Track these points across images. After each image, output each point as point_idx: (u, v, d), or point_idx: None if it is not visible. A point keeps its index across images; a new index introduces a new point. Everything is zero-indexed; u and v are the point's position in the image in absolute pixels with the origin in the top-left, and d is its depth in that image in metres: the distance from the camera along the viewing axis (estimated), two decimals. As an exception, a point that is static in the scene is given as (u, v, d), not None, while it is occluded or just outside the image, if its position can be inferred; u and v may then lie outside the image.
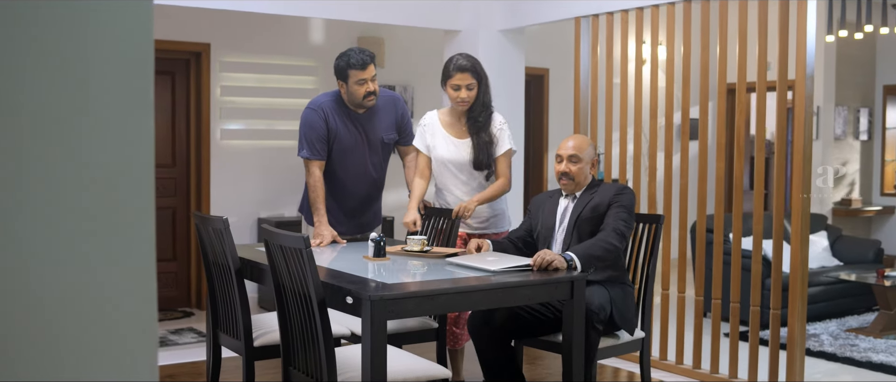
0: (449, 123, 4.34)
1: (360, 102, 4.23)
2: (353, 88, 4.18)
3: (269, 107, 7.07)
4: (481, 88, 4.22)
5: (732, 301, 4.54)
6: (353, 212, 4.44)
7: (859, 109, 9.67)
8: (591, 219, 3.77)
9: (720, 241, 4.60)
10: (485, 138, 4.22)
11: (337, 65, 4.22)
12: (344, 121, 4.28)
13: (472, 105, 4.21)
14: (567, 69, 8.50)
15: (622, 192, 3.78)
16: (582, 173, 3.84)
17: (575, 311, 3.24)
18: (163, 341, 5.91)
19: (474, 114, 4.24)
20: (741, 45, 4.44)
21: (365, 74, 4.16)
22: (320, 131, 4.23)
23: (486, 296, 3.12)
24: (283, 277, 3.08)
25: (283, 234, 2.96)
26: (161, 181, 6.83)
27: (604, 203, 3.75)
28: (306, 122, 4.26)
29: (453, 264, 3.49)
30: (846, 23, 8.02)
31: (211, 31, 6.77)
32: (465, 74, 4.15)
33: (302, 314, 2.99)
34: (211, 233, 3.57)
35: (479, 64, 4.21)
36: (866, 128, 9.78)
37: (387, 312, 2.77)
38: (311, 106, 4.30)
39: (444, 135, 4.32)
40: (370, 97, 4.22)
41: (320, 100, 4.31)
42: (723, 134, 4.57)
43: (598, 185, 3.87)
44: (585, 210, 3.79)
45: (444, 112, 4.38)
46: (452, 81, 4.17)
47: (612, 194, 3.76)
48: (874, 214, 9.60)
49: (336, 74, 4.24)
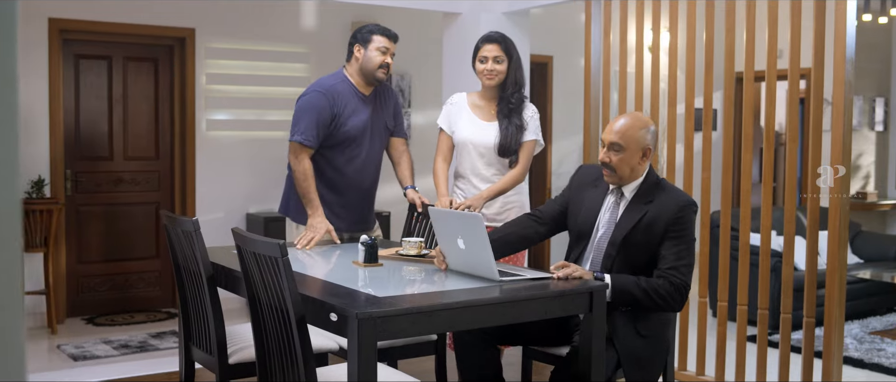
0: (477, 105, 4.10)
1: (372, 72, 3.91)
2: (371, 54, 3.89)
3: (257, 96, 6.78)
4: (512, 66, 3.99)
5: (761, 308, 4.14)
6: (353, 206, 4.05)
7: (875, 98, 9.27)
8: (646, 245, 3.03)
9: (746, 241, 4.20)
10: (516, 122, 3.98)
11: (362, 29, 3.97)
12: (353, 105, 3.93)
13: (503, 83, 3.99)
14: (572, 57, 8.15)
15: (687, 209, 3.03)
16: (626, 166, 3.08)
17: (595, 328, 2.81)
18: (142, 346, 5.52)
19: (507, 94, 4.00)
20: (771, 31, 4.03)
21: (389, 44, 3.93)
22: (324, 118, 3.86)
23: (494, 312, 2.68)
24: (258, 288, 2.67)
25: (258, 239, 2.55)
26: (144, 175, 6.54)
27: (661, 223, 3.02)
28: (311, 105, 3.86)
29: (454, 271, 3.08)
30: (870, 8, 7.63)
31: (196, 15, 6.48)
32: (494, 44, 3.96)
33: (279, 331, 2.59)
34: (180, 235, 3.16)
35: (510, 41, 4.01)
36: (882, 118, 9.39)
37: (377, 332, 2.36)
38: (317, 88, 3.90)
39: (471, 115, 4.07)
40: (384, 70, 3.92)
41: (329, 82, 3.94)
42: (750, 124, 4.17)
43: (657, 188, 3.11)
44: (639, 229, 3.05)
45: (475, 94, 4.15)
46: (480, 54, 3.98)
47: (674, 212, 3.02)
48: (890, 208, 9.21)
49: (356, 37, 3.95)
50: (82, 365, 5.09)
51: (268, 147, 6.77)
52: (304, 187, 3.87)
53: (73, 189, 6.29)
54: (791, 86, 4.05)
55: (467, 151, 4.05)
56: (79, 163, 6.31)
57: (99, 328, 6.02)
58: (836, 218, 3.79)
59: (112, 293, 6.51)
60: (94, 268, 6.44)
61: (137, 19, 6.27)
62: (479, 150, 4.02)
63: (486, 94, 4.06)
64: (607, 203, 3.20)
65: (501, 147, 3.96)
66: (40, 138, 6.00)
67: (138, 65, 6.47)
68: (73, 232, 6.32)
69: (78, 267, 6.37)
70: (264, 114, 6.81)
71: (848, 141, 3.76)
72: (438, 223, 3.06)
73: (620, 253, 3.06)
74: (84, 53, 6.27)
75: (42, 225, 5.75)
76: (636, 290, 2.94)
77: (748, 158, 4.20)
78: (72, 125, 6.25)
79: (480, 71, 3.98)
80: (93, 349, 5.44)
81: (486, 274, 2.90)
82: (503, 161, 4.02)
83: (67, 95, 6.20)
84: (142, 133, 6.52)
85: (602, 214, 3.19)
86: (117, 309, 6.51)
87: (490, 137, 3.99)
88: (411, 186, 4.14)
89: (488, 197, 3.94)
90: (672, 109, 4.59)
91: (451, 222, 2.98)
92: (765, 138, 4.11)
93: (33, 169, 5.95)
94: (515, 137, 3.96)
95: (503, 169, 4.03)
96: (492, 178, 4.02)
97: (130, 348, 5.48)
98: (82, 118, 6.29)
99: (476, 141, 4.01)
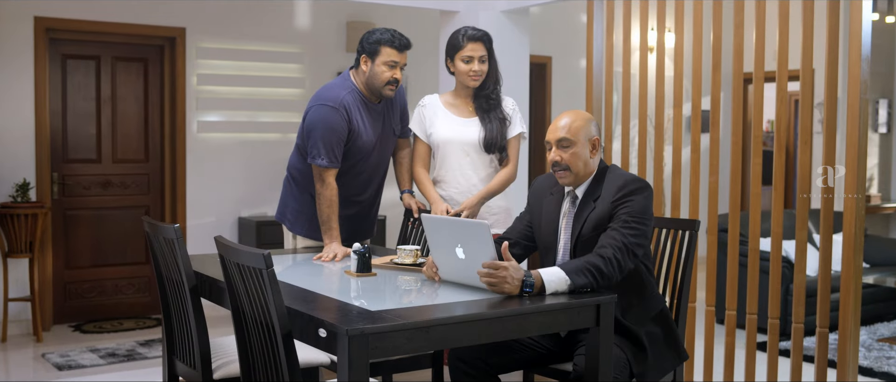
0: (452, 104, 3.88)
1: (379, 88, 3.64)
2: (379, 69, 3.60)
3: (250, 97, 6.63)
4: (492, 63, 3.80)
5: (771, 318, 3.97)
6: (354, 218, 3.86)
7: (878, 99, 9.13)
8: (595, 239, 2.87)
9: (756, 247, 4.04)
10: (498, 116, 3.79)
11: (369, 37, 3.62)
12: (364, 117, 3.68)
13: (483, 82, 3.80)
14: (571, 57, 8.00)
15: (629, 191, 2.86)
16: (579, 160, 2.94)
17: (602, 342, 2.64)
18: (129, 354, 5.35)
19: (486, 91, 3.80)
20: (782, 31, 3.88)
21: (399, 57, 3.61)
22: (341, 135, 3.60)
23: (495, 326, 2.49)
24: (243, 301, 2.50)
25: (242, 249, 2.38)
26: (133, 178, 6.39)
27: (606, 212, 2.87)
28: (326, 123, 3.58)
29: (451, 282, 2.90)
30: (877, 7, 7.49)
31: (186, 14, 6.35)
32: (478, 44, 3.73)
33: (265, 346, 2.42)
34: (162, 243, 2.99)
35: (491, 37, 3.80)
36: (885, 120, 9.24)
37: (369, 349, 2.19)
38: (328, 102, 3.60)
39: (448, 114, 3.84)
40: (392, 86, 3.64)
41: (339, 95, 3.63)
42: (759, 126, 4.01)
43: (604, 178, 2.97)
44: (586, 227, 2.91)
45: (447, 95, 3.94)
46: (463, 53, 3.73)
47: (613, 194, 2.87)
48: (894, 211, 9.06)
49: (363, 48, 3.63)
50: (67, 376, 4.92)
51: (261, 150, 6.63)
52: (328, 214, 3.63)
53: (59, 193, 6.13)
54: (803, 87, 3.89)
55: (450, 151, 3.82)
56: (65, 166, 6.15)
57: (86, 336, 5.85)
58: (851, 222, 3.63)
59: (100, 300, 6.35)
60: (81, 274, 6.27)
61: (126, 18, 6.11)
62: (464, 148, 3.80)
63: (462, 91, 3.85)
64: (564, 209, 3.05)
65: (487, 143, 3.76)
66: (25, 141, 5.84)
67: (127, 65, 6.32)
68: (60, 237, 6.15)
69: (65, 273, 6.20)
70: (257, 116, 6.65)
71: (863, 143, 3.60)
72: (433, 232, 2.87)
73: (577, 255, 2.90)
74: (71, 52, 6.11)
75: (27, 230, 5.58)
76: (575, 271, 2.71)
77: (758, 161, 4.04)
78: (58, 127, 6.09)
79: (465, 72, 3.74)
80: (78, 357, 5.27)
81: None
82: (489, 160, 3.82)
83: (54, 96, 6.04)
84: (131, 135, 6.37)
85: (561, 221, 3.05)
86: (105, 316, 6.34)
87: (473, 134, 3.78)
88: (408, 190, 3.97)
89: (482, 199, 3.75)
90: (678, 110, 4.42)
91: (450, 231, 2.79)
92: (775, 140, 3.95)
93: (18, 172, 5.78)
94: (501, 132, 3.77)
95: (489, 169, 3.83)
96: (478, 181, 3.81)
97: (118, 356, 5.31)
98: (69, 120, 6.13)
99: (459, 139, 3.79)
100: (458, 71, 3.77)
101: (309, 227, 3.84)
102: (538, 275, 2.68)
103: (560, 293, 2.68)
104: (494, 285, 2.65)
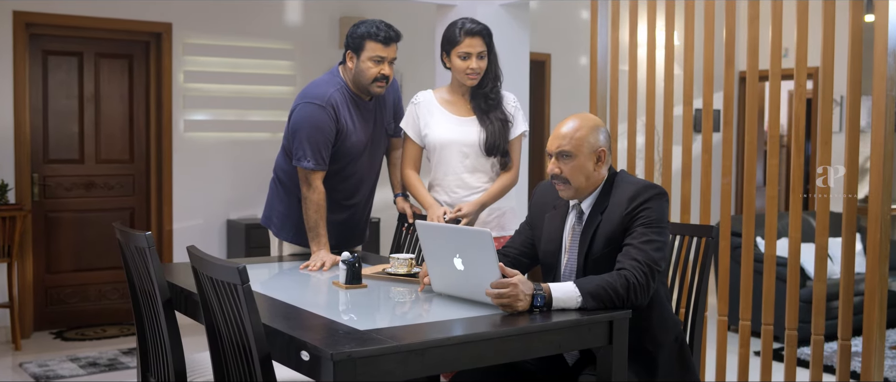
0: (448, 101, 3.57)
1: (366, 86, 3.40)
2: (364, 66, 3.35)
3: (238, 95, 6.41)
4: (491, 59, 3.50)
5: (788, 329, 3.74)
6: (343, 223, 3.62)
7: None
8: (609, 256, 2.58)
9: (772, 254, 3.80)
10: (499, 117, 3.49)
11: (353, 32, 3.37)
12: (353, 116, 3.45)
13: (481, 80, 3.50)
14: (571, 55, 7.78)
15: (644, 199, 2.58)
16: (579, 174, 2.66)
17: (615, 363, 2.39)
18: (111, 364, 5.11)
19: (484, 90, 3.50)
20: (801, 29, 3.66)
21: (385, 52, 3.35)
22: (329, 135, 3.37)
23: (501, 347, 2.24)
24: (217, 318, 2.26)
25: (216, 262, 2.13)
26: (117, 179, 6.20)
27: (619, 225, 2.59)
28: (312, 122, 3.34)
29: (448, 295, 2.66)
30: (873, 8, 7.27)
31: (173, 9, 6.14)
32: (476, 39, 3.42)
33: (241, 369, 2.18)
34: (134, 252, 2.75)
35: (491, 31, 3.49)
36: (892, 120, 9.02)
37: (357, 375, 1.94)
38: (315, 100, 3.36)
39: (444, 113, 3.54)
40: (380, 83, 3.39)
41: (326, 92, 3.39)
42: (776, 125, 3.78)
43: (613, 188, 2.68)
44: (597, 243, 2.62)
45: (442, 90, 3.62)
46: (460, 49, 3.42)
47: (625, 206, 2.58)
48: (900, 213, 8.84)
49: (348, 43, 3.39)
50: (43, 388, 4.69)
51: (250, 150, 6.42)
52: (315, 220, 3.40)
53: (40, 194, 5.89)
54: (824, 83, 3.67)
55: (447, 153, 3.53)
56: (46, 166, 5.92)
57: (67, 344, 5.61)
58: (876, 228, 3.39)
59: (83, 306, 6.11)
60: (63, 278, 6.04)
61: (110, 13, 5.89)
62: (463, 150, 3.51)
63: (458, 88, 3.55)
64: (569, 225, 2.76)
65: (488, 145, 3.47)
66: (4, 140, 5.60)
67: (111, 62, 6.10)
68: (40, 240, 5.91)
69: (46, 278, 5.97)
70: (246, 114, 6.43)
71: (889, 143, 3.38)
72: (428, 240, 2.62)
73: (588, 273, 2.63)
74: (52, 48, 5.88)
75: (5, 233, 5.35)
76: (597, 289, 2.46)
77: (774, 162, 3.81)
78: (39, 126, 5.86)
79: (461, 69, 3.44)
80: (58, 367, 5.03)
81: (489, 300, 2.47)
82: (488, 164, 3.53)
83: (34, 93, 5.82)
84: (115, 134, 6.15)
85: (565, 237, 2.76)
86: (88, 323, 6.11)
87: (472, 134, 3.49)
88: (402, 193, 3.72)
89: (482, 205, 3.47)
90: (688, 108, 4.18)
91: (448, 239, 2.54)
92: (793, 140, 3.73)
93: (-5, 173, 5.56)
94: (502, 134, 3.47)
95: (490, 172, 3.55)
96: (477, 185, 3.53)
97: (99, 366, 5.07)
98: (51, 119, 5.91)
99: (457, 140, 3.50)
100: (455, 68, 3.47)
101: (296, 232, 3.60)
102: (548, 288, 2.44)
103: (568, 309, 2.44)
104: (507, 305, 2.40)
